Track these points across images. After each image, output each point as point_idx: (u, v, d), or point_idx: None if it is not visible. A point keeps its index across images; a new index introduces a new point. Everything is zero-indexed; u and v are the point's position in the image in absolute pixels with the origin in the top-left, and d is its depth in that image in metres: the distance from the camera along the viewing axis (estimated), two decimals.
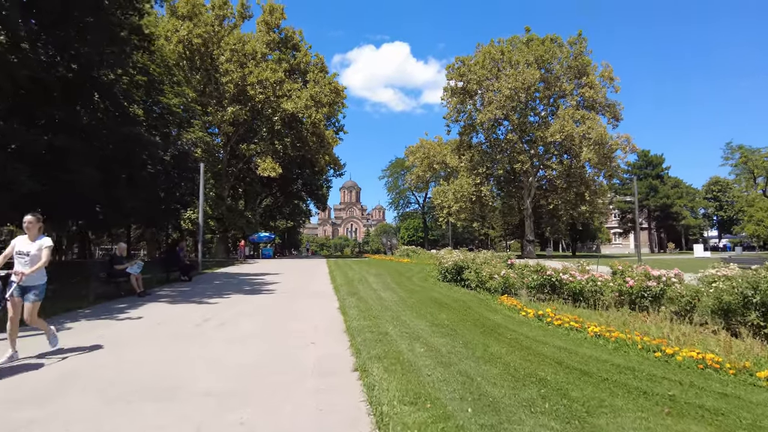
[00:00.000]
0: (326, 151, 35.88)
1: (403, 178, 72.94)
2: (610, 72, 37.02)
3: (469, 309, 9.25)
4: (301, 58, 37.44)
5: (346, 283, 14.43)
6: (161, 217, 25.44)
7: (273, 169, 32.12)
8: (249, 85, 32.20)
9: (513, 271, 11.43)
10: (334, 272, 18.92)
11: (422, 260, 24.97)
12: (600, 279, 9.33)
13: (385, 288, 12.97)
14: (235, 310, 9.17)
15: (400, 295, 11.32)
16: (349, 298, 10.79)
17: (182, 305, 9.89)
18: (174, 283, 14.80)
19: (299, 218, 71.52)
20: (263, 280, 15.86)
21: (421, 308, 9.31)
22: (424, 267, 21.42)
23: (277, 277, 17.26)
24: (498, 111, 36.61)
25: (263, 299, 10.85)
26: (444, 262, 14.24)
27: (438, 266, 15.31)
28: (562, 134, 35.15)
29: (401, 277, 16.52)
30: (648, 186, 58.27)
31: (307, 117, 32.41)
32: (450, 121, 42.38)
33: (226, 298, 11.07)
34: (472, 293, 11.80)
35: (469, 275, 12.39)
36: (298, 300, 10.70)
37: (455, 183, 38.77)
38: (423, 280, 15.69)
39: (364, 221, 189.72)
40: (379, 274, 18.01)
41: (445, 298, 10.78)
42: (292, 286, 14.01)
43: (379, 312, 8.74)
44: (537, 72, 35.87)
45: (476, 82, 38.27)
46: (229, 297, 11.22)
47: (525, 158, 36.96)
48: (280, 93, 32.86)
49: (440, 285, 13.84)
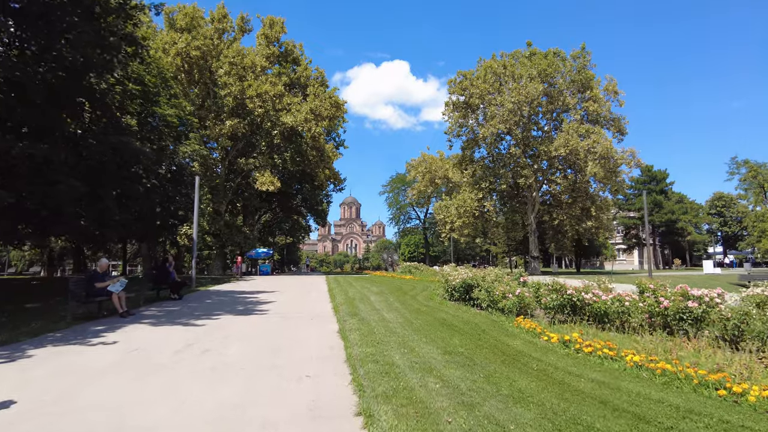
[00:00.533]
0: (326, 165, 35.18)
1: (404, 194, 72.23)
2: (615, 85, 36.58)
3: (483, 333, 8.32)
4: (302, 72, 37.01)
5: (346, 302, 13.48)
6: (156, 232, 24.57)
7: (271, 183, 31.36)
8: (248, 98, 31.64)
9: (528, 290, 10.52)
10: (333, 290, 17.97)
11: (425, 277, 24.01)
12: (627, 299, 8.41)
13: (389, 308, 12.03)
14: (223, 333, 8.24)
15: (405, 317, 10.38)
16: (349, 319, 9.86)
17: (165, 328, 8.96)
18: (163, 301, 13.86)
19: (299, 234, 70.63)
20: (258, 298, 14.91)
21: (430, 331, 8.38)
22: (427, 284, 20.48)
23: (272, 295, 16.30)
24: (501, 125, 36.03)
25: (255, 321, 9.92)
26: (451, 280, 13.32)
27: (444, 284, 14.39)
28: (567, 148, 34.48)
29: (405, 296, 15.57)
30: (652, 201, 57.43)
31: (306, 131, 31.78)
32: (452, 136, 41.83)
33: (214, 319, 10.13)
34: (483, 314, 10.87)
35: (479, 294, 11.47)
36: (293, 322, 9.76)
37: (458, 198, 37.98)
38: (428, 299, 14.75)
39: (364, 237, 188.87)
40: (381, 292, 17.07)
41: (455, 320, 9.85)
42: (287, 305, 13.06)
43: (384, 336, 7.82)
44: (540, 86, 35.39)
45: (478, 97, 37.79)
46: (218, 318, 10.28)
47: (529, 173, 36.25)
48: (279, 106, 32.30)
49: (447, 305, 12.90)
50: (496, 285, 11.20)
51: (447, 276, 14.09)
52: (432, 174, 41.86)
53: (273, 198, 50.36)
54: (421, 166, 41.65)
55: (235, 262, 36.36)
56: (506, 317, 10.10)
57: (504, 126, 36.06)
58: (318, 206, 54.46)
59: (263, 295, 16.07)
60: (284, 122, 31.48)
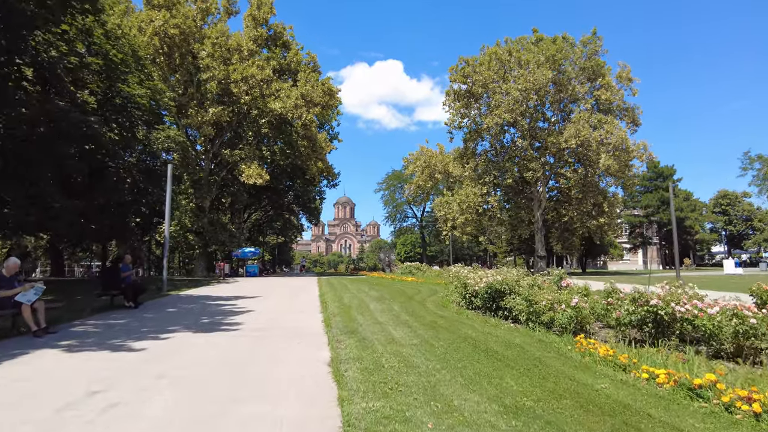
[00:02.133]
0: (319, 156, 32.44)
1: (401, 191, 69.64)
2: (628, 72, 34.10)
3: (542, 365, 5.73)
4: (292, 58, 34.26)
5: (340, 311, 10.84)
6: (125, 229, 21.79)
7: (259, 175, 28.64)
8: (233, 83, 28.91)
9: (582, 299, 7.93)
10: (325, 295, 15.31)
11: (429, 279, 21.42)
12: (749, 314, 5.83)
13: (396, 321, 9.40)
14: (160, 368, 5.56)
15: (420, 335, 7.76)
16: (345, 339, 7.23)
17: (84, 355, 6.27)
18: (115, 310, 11.14)
19: (290, 233, 67.84)
20: (233, 307, 12.22)
21: (464, 362, 5.77)
22: (433, 287, 17.88)
23: (253, 302, 13.62)
24: (506, 115, 33.48)
25: (217, 343, 7.24)
26: (471, 285, 10.71)
27: (460, 289, 11.79)
28: (578, 139, 32.00)
29: (411, 303, 12.95)
30: (659, 199, 55.25)
31: (296, 118, 29.05)
32: (452, 128, 39.14)
33: (163, 339, 7.45)
34: (522, 330, 8.29)
35: (514, 304, 8.87)
36: (268, 345, 7.10)
37: (460, 193, 35.40)
38: (440, 306, 12.14)
39: (358, 237, 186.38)
40: (381, 297, 14.43)
41: (491, 341, 7.24)
42: (267, 316, 10.37)
43: (398, 373, 5.19)
44: (549, 72, 32.89)
45: (481, 85, 35.20)
46: (169, 337, 7.60)
47: (536, 166, 33.73)
48: (267, 92, 29.57)
49: (468, 315, 10.31)
50: (536, 292, 8.60)
51: (464, 279, 11.48)
52: (431, 168, 39.27)
53: (263, 195, 47.60)
54: (420, 160, 39.05)
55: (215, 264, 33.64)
56: (559, 336, 7.52)
57: (510, 116, 33.51)
58: (310, 203, 51.80)
59: (242, 302, 13.38)
60: (272, 109, 28.74)
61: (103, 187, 19.27)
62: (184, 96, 30.68)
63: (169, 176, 18.82)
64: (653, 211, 56.50)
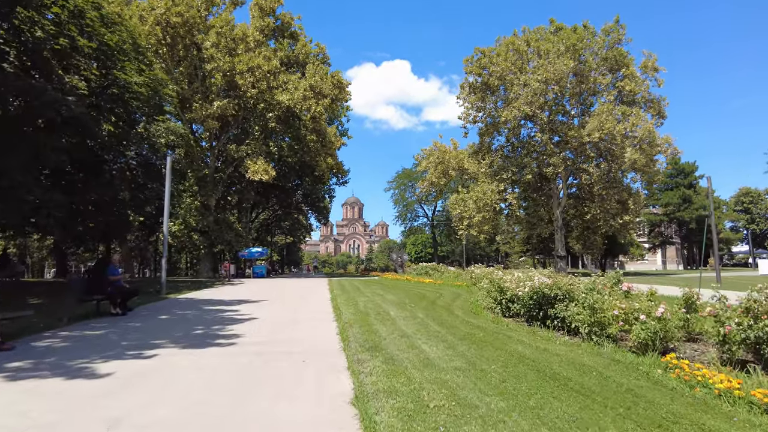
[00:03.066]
0: (328, 151, 30.96)
1: (411, 190, 68.02)
2: (654, 62, 32.22)
3: (642, 401, 4.16)
4: (300, 49, 32.84)
5: (357, 319, 9.31)
6: (122, 227, 20.45)
7: (266, 171, 27.22)
8: (238, 74, 27.54)
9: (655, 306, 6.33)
10: (337, 299, 13.80)
11: (448, 281, 19.82)
12: None
13: (425, 333, 7.85)
14: (121, 406, 4.05)
15: (461, 353, 6.20)
16: (368, 360, 5.70)
17: (27, 384, 4.79)
18: (97, 319, 9.72)
19: (299, 233, 66.59)
20: (234, 314, 10.74)
21: (538, 399, 4.20)
22: (455, 290, 16.29)
23: (256, 307, 12.14)
24: (525, 107, 31.78)
25: (206, 365, 5.73)
26: (511, 288, 9.13)
27: (493, 293, 10.23)
28: (602, 132, 30.22)
29: (436, 309, 11.40)
30: (680, 196, 53.12)
31: (305, 110, 27.58)
32: (467, 122, 37.52)
33: (140, 359, 5.96)
34: (584, 346, 6.72)
35: (573, 313, 7.28)
36: (269, 368, 5.58)
37: (476, 190, 33.72)
38: (471, 313, 10.58)
39: (366, 238, 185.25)
40: (401, 302, 12.89)
41: (554, 362, 5.67)
42: (271, 326, 8.86)
43: (452, 420, 3.64)
44: (570, 62, 31.14)
45: (498, 77, 33.53)
46: (148, 356, 6.11)
47: (557, 161, 31.97)
48: (274, 84, 28.16)
49: (507, 325, 8.74)
50: (598, 298, 7.01)
51: (499, 282, 9.90)
52: (445, 165, 37.59)
53: (271, 193, 46.30)
54: (433, 156, 37.37)
55: (221, 265, 32.30)
56: (636, 356, 5.94)
57: (529, 108, 31.81)
58: (319, 202, 50.47)
59: (244, 307, 11.91)
60: (280, 101, 27.32)
61: (98, 182, 17.93)
62: (189, 89, 29.38)
63: (168, 170, 17.45)
64: (674, 210, 54.31)
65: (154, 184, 19.97)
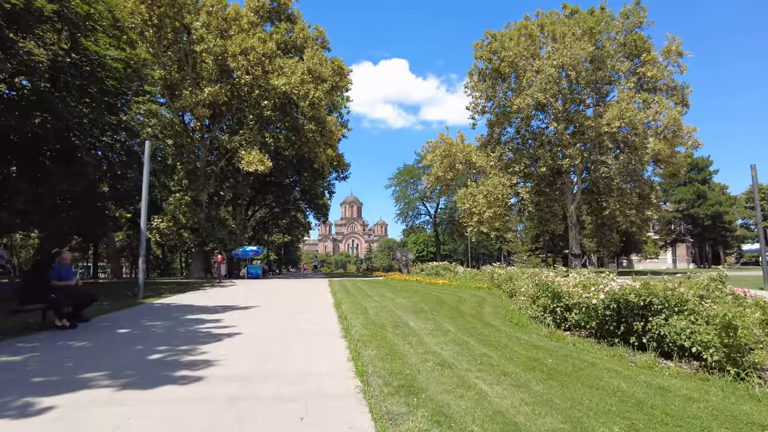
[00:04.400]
0: (328, 142, 28.67)
1: (413, 187, 65.83)
2: (678, 45, 29.96)
3: None
4: (298, 34, 30.55)
5: (371, 335, 7.09)
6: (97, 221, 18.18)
7: (261, 162, 24.97)
8: (230, 57, 25.29)
9: None
10: (342, 304, 11.58)
11: (464, 282, 17.60)
12: None
13: (469, 356, 5.65)
14: None
15: (541, 396, 3.99)
16: (407, 417, 3.49)
17: None
18: (32, 334, 7.51)
19: (297, 232, 64.40)
20: (214, 326, 8.53)
21: None
22: (478, 294, 14.09)
23: (243, 317, 9.94)
24: (539, 95, 29.59)
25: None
26: (579, 294, 6.93)
27: (543, 300, 8.06)
28: (623, 121, 28.05)
29: (465, 318, 9.20)
30: (695, 192, 50.99)
31: (303, 95, 25.30)
32: (475, 112, 35.34)
33: (32, 416, 3.74)
34: (719, 382, 4.52)
35: (685, 332, 5.09)
36: None
37: (487, 183, 31.51)
38: (513, 325, 8.39)
39: (365, 237, 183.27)
40: (418, 309, 10.68)
41: (701, 414, 3.46)
42: (256, 348, 6.58)
43: None
44: (589, 45, 28.96)
45: (510, 63, 31.27)
46: (45, 411, 3.88)
47: (574, 152, 29.78)
48: (269, 68, 25.91)
49: (572, 343, 6.56)
50: (737, 312, 4.82)
51: (553, 285, 7.71)
52: (452, 158, 35.32)
53: (268, 190, 44.06)
54: (440, 149, 35.12)
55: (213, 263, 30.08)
56: None
57: (543, 96, 29.62)
58: (318, 199, 48.26)
59: (229, 317, 9.69)
60: (275, 86, 25.06)
61: (69, 171, 15.70)
62: (178, 75, 27.14)
63: (146, 156, 15.20)
64: (688, 206, 52.18)
65: (135, 174, 17.73)
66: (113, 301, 13.52)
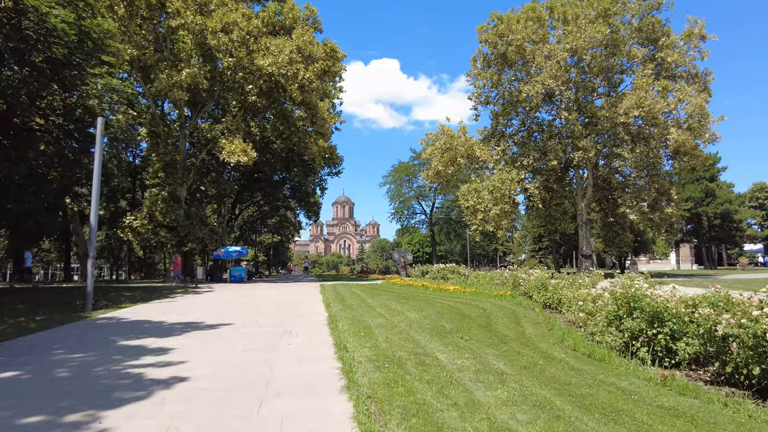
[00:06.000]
0: (320, 130, 25.88)
1: (408, 185, 63.23)
2: (701, 28, 27.64)
3: None
4: (287, 13, 27.80)
5: (389, 384, 4.45)
6: (44, 216, 15.32)
7: (243, 152, 22.21)
8: (211, 34, 22.54)
9: None
10: (337, 321, 8.92)
11: (481, 288, 15.01)
12: None
13: None
14: None
15: None
16: None
17: None
18: None
19: (287, 231, 61.52)
20: (151, 364, 5.86)
21: None
22: (500, 303, 11.52)
23: (205, 342, 7.27)
24: (551, 81, 27.16)
25: None
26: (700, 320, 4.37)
27: (628, 322, 5.50)
28: (642, 110, 25.70)
29: (511, 345, 6.60)
30: (703, 190, 48.96)
31: (291, 77, 22.55)
32: (478, 102, 32.89)
33: None
34: None
35: None
36: None
37: (493, 178, 29.01)
38: (585, 357, 5.82)
39: (357, 237, 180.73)
40: (441, 329, 8.05)
41: None
42: (199, 422, 3.96)
43: None
44: (605, 27, 26.56)
45: (517, 47, 28.72)
46: None
47: (587, 144, 27.37)
48: (254, 48, 23.18)
49: (725, 404, 3.97)
50: None
51: (648, 301, 5.15)
52: (453, 152, 32.70)
53: (256, 186, 41.27)
54: (440, 142, 32.50)
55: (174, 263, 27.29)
56: None
57: (554, 83, 27.20)
58: (309, 197, 45.55)
59: (182, 344, 7.01)
60: (260, 67, 22.31)
61: (4, 154, 12.90)
62: (153, 56, 24.31)
63: (98, 135, 12.45)
64: (696, 204, 50.12)
65: (88, 158, 14.94)
66: (53, 314, 10.82)
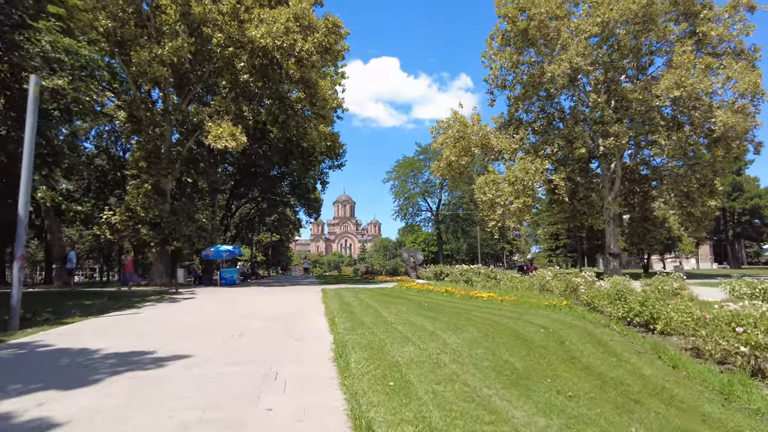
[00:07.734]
0: (320, 112, 22.84)
1: (413, 181, 60.29)
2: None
3: None
4: None
5: None
6: None
7: (232, 136, 19.24)
8: (196, 1, 19.60)
9: None
10: (348, 356, 5.93)
11: (523, 296, 12.01)
12: None
13: None
14: None
15: None
16: None
17: None
18: None
19: (287, 230, 58.61)
20: None
21: None
22: (559, 318, 8.53)
23: (117, 405, 4.28)
24: (579, 59, 24.17)
25: None
26: None
27: None
28: (683, 90, 22.74)
29: (654, 415, 3.61)
30: (730, 183, 45.93)
31: (288, 51, 19.57)
32: (495, 86, 29.93)
33: None
34: None
35: None
36: None
37: (514, 168, 26.05)
38: None
39: (359, 237, 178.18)
40: (509, 369, 5.04)
41: None
42: None
43: None
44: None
45: (538, 24, 25.71)
46: None
47: (620, 130, 24.38)
48: (246, 18, 20.23)
49: None
50: None
51: None
52: (467, 141, 29.66)
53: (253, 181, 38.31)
54: (452, 130, 29.46)
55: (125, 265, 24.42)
56: None
57: (582, 60, 24.21)
58: (310, 193, 42.63)
59: (81, 411, 4.02)
60: (252, 38, 19.33)
61: None
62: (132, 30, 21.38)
63: (30, 100, 9.51)
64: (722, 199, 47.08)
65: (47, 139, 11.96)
66: None
